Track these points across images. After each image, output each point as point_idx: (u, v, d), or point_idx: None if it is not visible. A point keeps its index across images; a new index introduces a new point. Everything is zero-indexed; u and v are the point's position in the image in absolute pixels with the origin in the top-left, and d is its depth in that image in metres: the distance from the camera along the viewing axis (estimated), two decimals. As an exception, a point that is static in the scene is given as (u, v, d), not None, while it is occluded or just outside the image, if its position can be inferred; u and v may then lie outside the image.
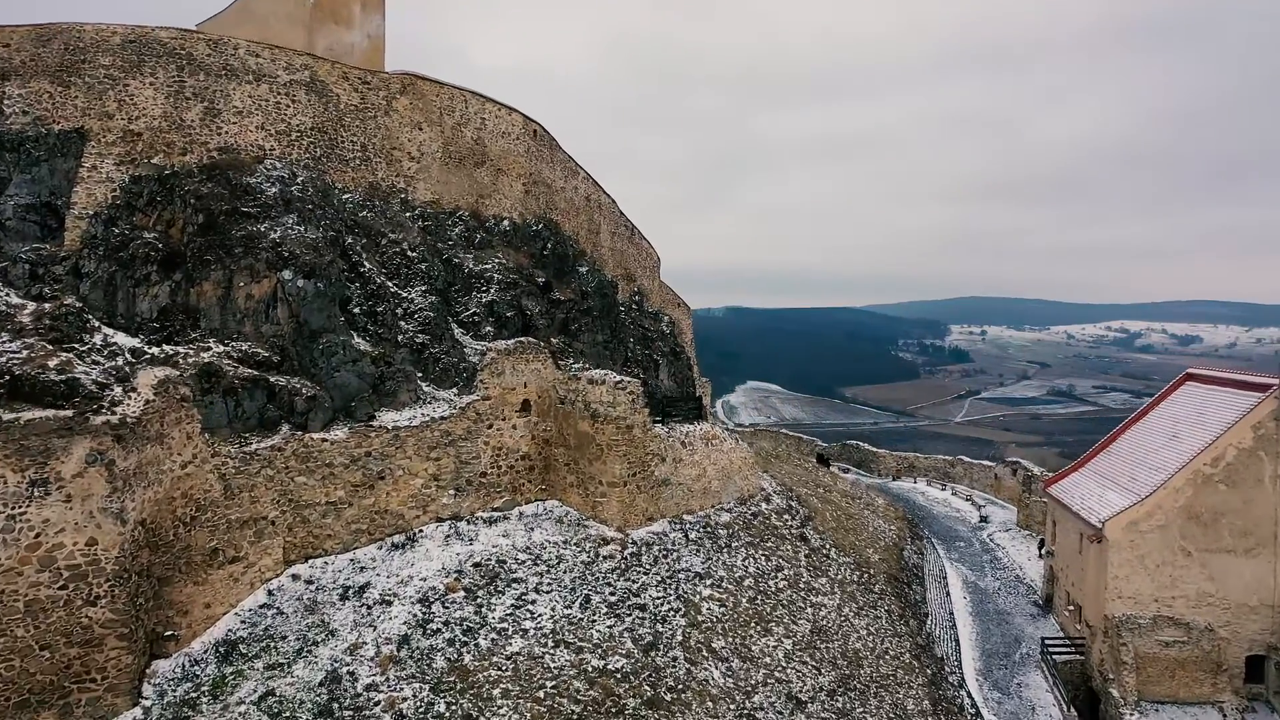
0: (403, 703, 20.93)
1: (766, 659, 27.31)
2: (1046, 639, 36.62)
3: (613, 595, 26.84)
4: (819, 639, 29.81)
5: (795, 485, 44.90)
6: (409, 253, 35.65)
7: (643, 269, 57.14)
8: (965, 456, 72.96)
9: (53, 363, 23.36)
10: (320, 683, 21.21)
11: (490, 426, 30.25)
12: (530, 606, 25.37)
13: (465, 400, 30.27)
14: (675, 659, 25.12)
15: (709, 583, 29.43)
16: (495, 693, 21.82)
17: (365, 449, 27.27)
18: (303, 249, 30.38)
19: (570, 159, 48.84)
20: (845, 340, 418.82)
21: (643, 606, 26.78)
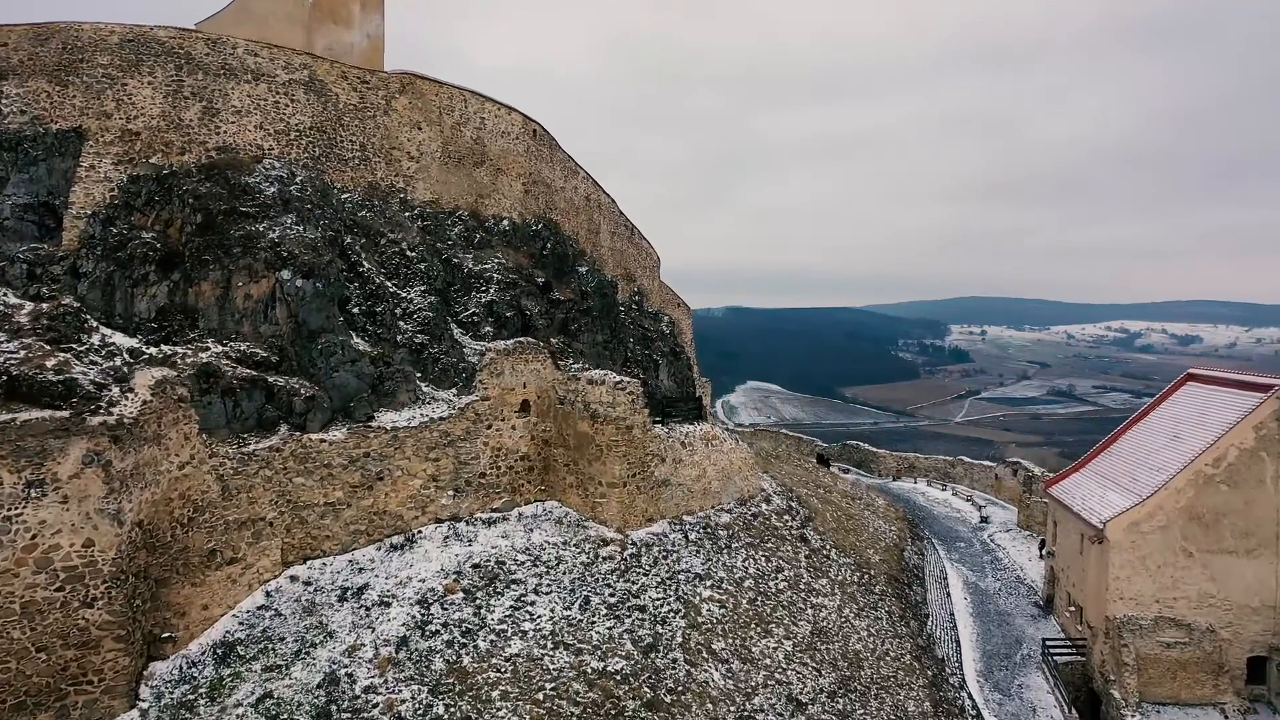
0: (401, 705, 20.84)
1: (767, 660, 27.21)
2: (1047, 640, 36.53)
3: (612, 596, 26.74)
4: (819, 640, 29.71)
5: (795, 486, 44.80)
6: (408, 252, 35.55)
7: (643, 269, 57.05)
8: (965, 457, 72.89)
9: (50, 363, 23.27)
10: (318, 685, 21.12)
11: (489, 427, 30.15)
12: (529, 608, 25.27)
13: (464, 401, 30.17)
14: (675, 661, 25.03)
15: (709, 584, 29.33)
16: (494, 695, 21.72)
17: (364, 450, 27.18)
18: (301, 249, 30.29)
19: (570, 159, 48.73)
20: (845, 340, 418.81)
21: (642, 608, 26.68)
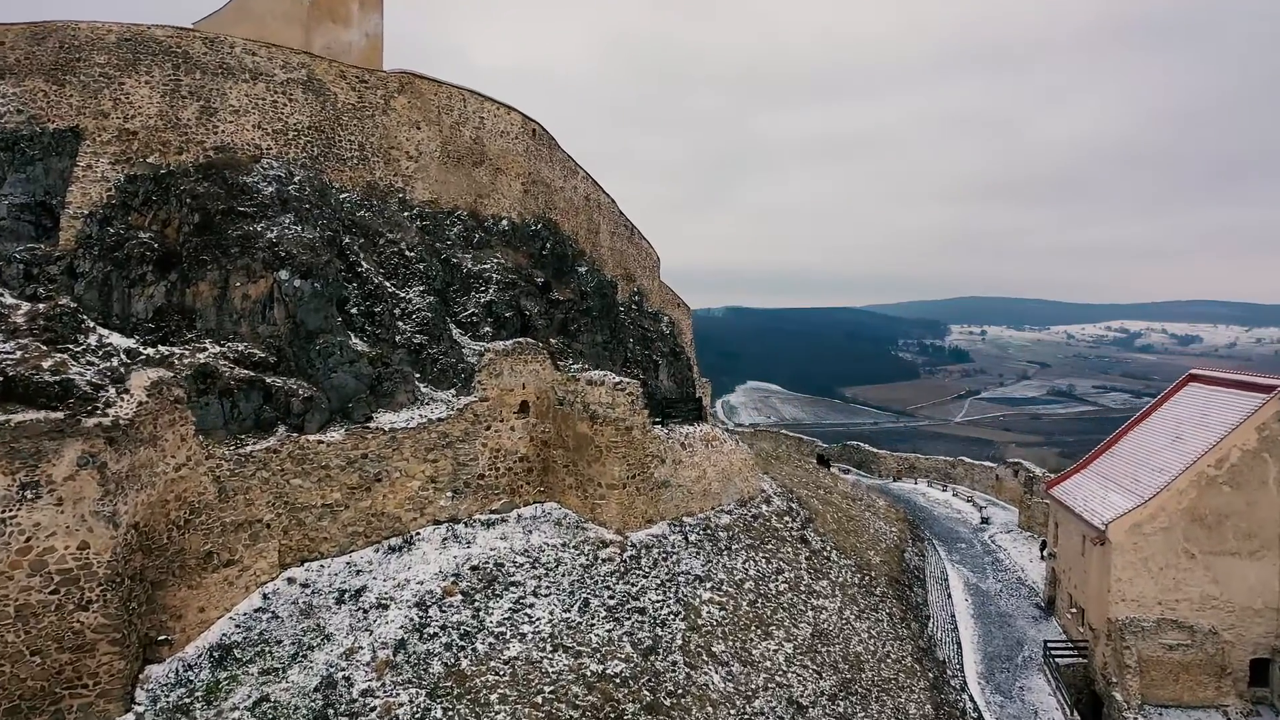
0: (399, 708, 20.69)
1: (767, 663, 27.07)
2: (1049, 642, 36.39)
3: (612, 599, 26.58)
4: (820, 643, 29.57)
5: (796, 487, 44.65)
6: (407, 253, 35.41)
7: (642, 269, 56.90)
8: (966, 457, 72.79)
9: (47, 364, 23.15)
10: (315, 688, 20.96)
11: (488, 428, 29.99)
12: (528, 610, 25.11)
13: (463, 401, 30.01)
14: (675, 663, 24.88)
15: (709, 586, 29.18)
16: (493, 698, 21.57)
17: (362, 451, 27.03)
18: (300, 249, 30.14)
19: (569, 158, 48.59)
20: (845, 340, 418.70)
21: (642, 610, 26.53)
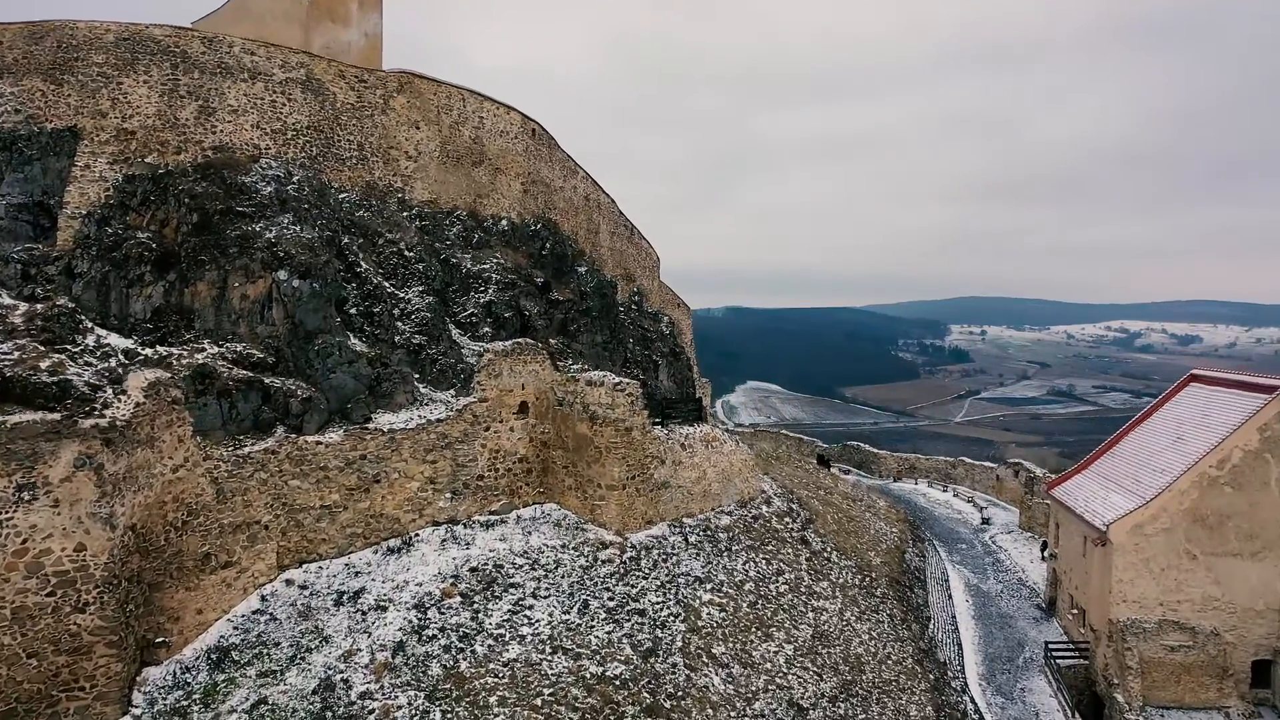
0: (397, 711, 20.59)
1: (767, 665, 26.96)
2: (1050, 643, 36.28)
3: (611, 600, 26.48)
4: (821, 644, 29.46)
5: (796, 487, 44.56)
6: (406, 253, 35.30)
7: (642, 269, 56.80)
8: (966, 458, 72.74)
9: (45, 364, 23.07)
10: (313, 690, 20.86)
11: (487, 429, 29.89)
12: (528, 612, 25.01)
13: (462, 402, 29.90)
14: (675, 665, 24.77)
15: (709, 587, 29.08)
16: (492, 700, 21.47)
17: (360, 452, 26.92)
18: (298, 249, 30.03)
19: (569, 158, 48.48)
20: (845, 340, 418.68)
21: (642, 611, 26.42)
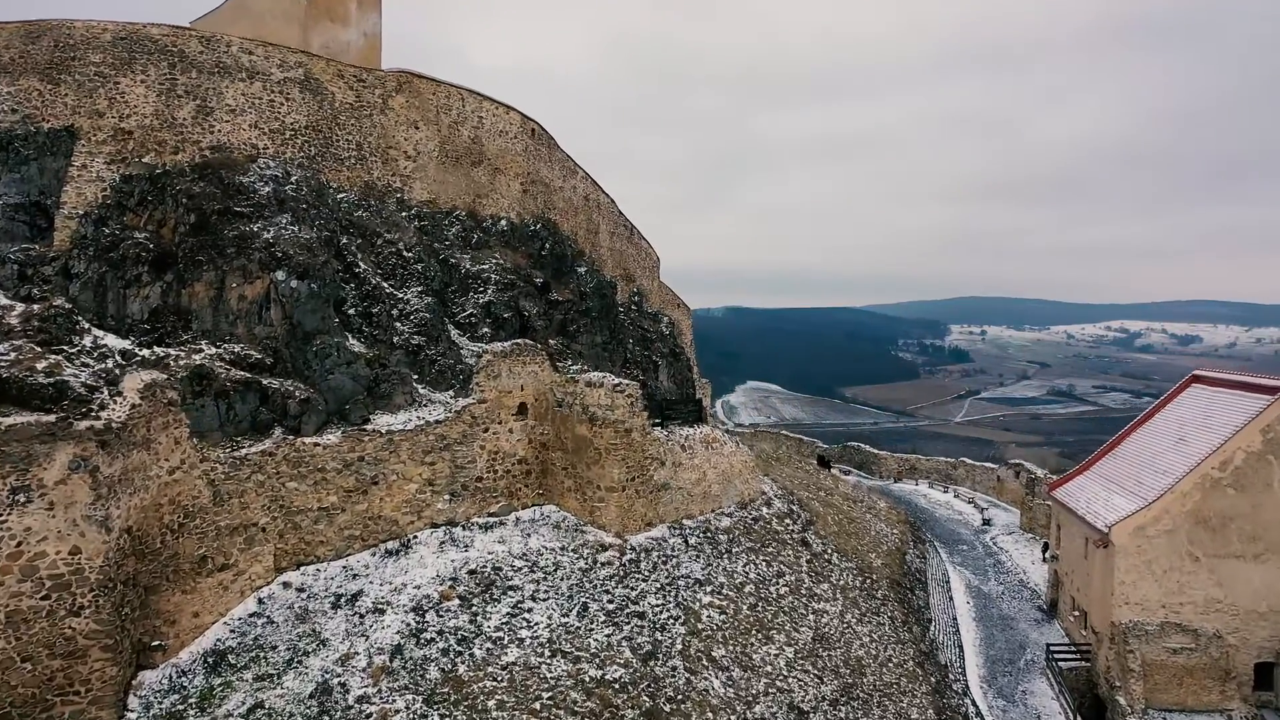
0: (395, 715, 20.42)
1: (768, 668, 26.81)
2: (1052, 645, 36.12)
3: (611, 603, 26.33)
4: (821, 647, 29.31)
5: (796, 488, 44.42)
6: (405, 253, 35.15)
7: (642, 269, 56.66)
8: (967, 458, 72.58)
9: (41, 365, 22.88)
10: (311, 694, 20.69)
11: (486, 430, 29.74)
12: (526, 615, 24.85)
13: (461, 403, 29.75)
14: (675, 668, 24.62)
15: (709, 589, 28.93)
16: (490, 704, 21.30)
17: (358, 453, 26.77)
18: (297, 249, 29.88)
19: (569, 158, 48.34)
20: (845, 340, 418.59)
21: (641, 614, 26.27)
